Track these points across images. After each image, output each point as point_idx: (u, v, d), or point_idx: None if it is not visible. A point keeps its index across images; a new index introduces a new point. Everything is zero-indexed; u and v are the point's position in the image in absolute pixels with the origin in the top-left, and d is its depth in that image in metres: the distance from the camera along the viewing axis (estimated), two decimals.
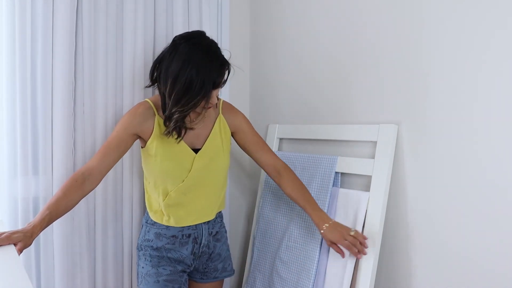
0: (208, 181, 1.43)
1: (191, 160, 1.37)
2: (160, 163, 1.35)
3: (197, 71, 1.23)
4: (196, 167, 1.38)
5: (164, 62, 1.28)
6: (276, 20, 1.89)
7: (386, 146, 1.37)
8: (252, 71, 2.05)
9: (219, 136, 1.44)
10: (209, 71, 1.25)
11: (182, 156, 1.37)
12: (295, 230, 1.59)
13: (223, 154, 1.45)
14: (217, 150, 1.42)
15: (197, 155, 1.38)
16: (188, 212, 1.42)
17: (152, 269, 1.41)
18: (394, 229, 1.40)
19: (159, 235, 1.43)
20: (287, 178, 1.46)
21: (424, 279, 1.32)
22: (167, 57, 1.28)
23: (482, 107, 1.16)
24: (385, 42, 1.41)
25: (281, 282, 1.59)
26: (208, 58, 1.26)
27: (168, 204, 1.39)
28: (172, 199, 1.39)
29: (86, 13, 1.50)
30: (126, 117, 1.36)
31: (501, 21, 1.11)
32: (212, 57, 1.27)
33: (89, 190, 1.29)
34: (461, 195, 1.22)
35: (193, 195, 1.41)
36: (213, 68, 1.26)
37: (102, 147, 1.33)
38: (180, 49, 1.26)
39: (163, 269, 1.41)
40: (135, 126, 1.34)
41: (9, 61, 1.40)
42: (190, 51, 1.25)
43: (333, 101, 1.61)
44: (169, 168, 1.37)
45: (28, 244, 1.12)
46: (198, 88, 1.24)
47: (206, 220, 1.46)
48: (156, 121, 1.35)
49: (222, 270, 1.56)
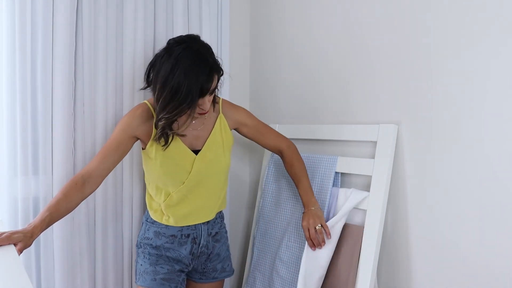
0: (208, 182, 1.43)
1: (191, 162, 1.37)
2: (160, 165, 1.35)
3: (185, 75, 1.20)
4: (196, 169, 1.37)
5: (156, 65, 1.27)
6: (276, 20, 1.89)
7: (386, 146, 1.37)
8: (252, 71, 2.05)
9: (220, 136, 1.43)
10: (196, 75, 1.21)
11: (182, 158, 1.36)
12: (295, 230, 1.59)
13: (224, 154, 1.44)
14: (217, 150, 1.42)
15: (197, 156, 1.38)
16: (188, 212, 1.42)
17: (150, 267, 1.42)
18: (394, 229, 1.40)
19: (159, 233, 1.43)
20: (287, 159, 1.53)
21: (424, 279, 1.32)
22: (159, 61, 1.26)
23: (482, 107, 1.16)
24: (385, 42, 1.41)
25: (281, 282, 1.59)
26: (197, 62, 1.22)
27: (168, 205, 1.40)
28: (173, 200, 1.39)
29: (86, 13, 1.50)
30: (125, 119, 1.35)
31: (502, 21, 1.11)
32: (201, 61, 1.23)
33: (89, 192, 1.29)
34: (461, 195, 1.22)
35: (194, 196, 1.41)
36: (200, 73, 1.22)
37: (101, 150, 1.32)
38: (171, 53, 1.24)
39: (160, 268, 1.42)
40: (133, 128, 1.34)
41: (9, 61, 1.40)
42: (180, 55, 1.22)
43: (333, 101, 1.61)
44: (169, 170, 1.36)
45: (28, 244, 1.12)
46: (185, 94, 1.20)
47: (205, 220, 1.46)
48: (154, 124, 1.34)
49: (221, 271, 1.56)
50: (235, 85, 2.01)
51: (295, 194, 1.65)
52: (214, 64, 1.27)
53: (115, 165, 1.34)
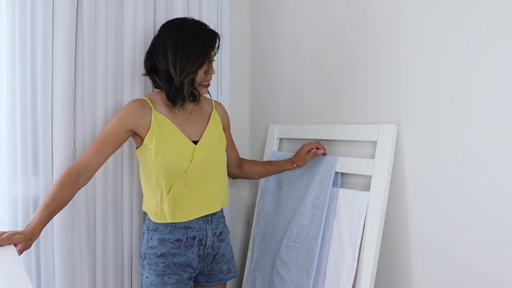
0: (210, 172, 1.43)
1: (192, 151, 1.39)
2: (161, 156, 1.35)
3: (193, 34, 1.35)
4: (197, 158, 1.38)
5: (158, 46, 1.37)
6: (276, 19, 1.89)
7: (386, 146, 1.37)
8: (252, 71, 2.05)
9: (215, 130, 1.48)
10: (203, 30, 1.38)
11: (182, 147, 1.38)
12: (295, 230, 1.59)
13: (220, 147, 1.48)
14: (214, 142, 1.46)
15: (197, 146, 1.40)
16: (193, 204, 1.40)
17: (156, 278, 1.38)
18: (394, 229, 1.40)
19: (163, 240, 1.39)
20: (247, 162, 1.68)
21: (424, 279, 1.32)
22: (160, 40, 1.37)
23: (482, 107, 1.16)
24: (385, 42, 1.41)
25: (281, 282, 1.59)
26: (199, 24, 1.39)
27: (172, 199, 1.37)
28: (176, 191, 1.37)
29: (86, 13, 1.50)
30: (122, 112, 1.36)
31: (502, 22, 1.11)
32: (202, 24, 1.40)
33: (83, 185, 1.31)
34: (461, 194, 1.22)
35: (197, 187, 1.40)
36: (205, 29, 1.39)
37: (96, 142, 1.33)
38: (170, 29, 1.37)
39: (168, 278, 1.38)
40: (131, 121, 1.35)
41: (9, 61, 1.39)
42: (180, 24, 1.38)
43: (333, 101, 1.61)
44: (171, 159, 1.36)
45: (28, 246, 1.12)
46: (200, 45, 1.34)
47: (211, 212, 1.45)
48: (153, 116, 1.36)
49: (227, 272, 1.54)
50: (235, 85, 2.01)
51: (295, 194, 1.65)
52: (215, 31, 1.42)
53: (108, 157, 1.36)
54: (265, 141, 1.92)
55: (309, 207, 1.56)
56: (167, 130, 1.37)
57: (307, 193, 1.58)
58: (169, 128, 1.38)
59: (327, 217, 1.51)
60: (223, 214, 1.56)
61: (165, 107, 1.40)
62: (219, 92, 1.95)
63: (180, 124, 1.40)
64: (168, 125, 1.38)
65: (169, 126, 1.38)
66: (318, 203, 1.53)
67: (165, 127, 1.37)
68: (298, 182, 1.65)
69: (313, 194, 1.56)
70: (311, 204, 1.55)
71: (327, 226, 1.50)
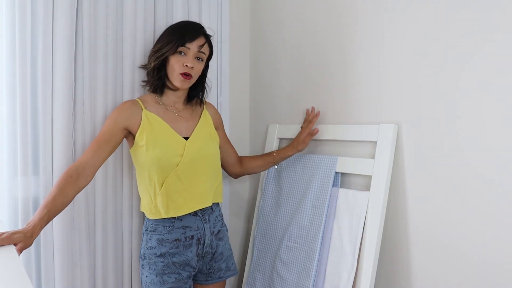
0: (202, 167, 1.45)
1: (183, 146, 1.42)
2: (152, 150, 1.38)
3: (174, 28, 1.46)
4: (188, 152, 1.41)
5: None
6: (276, 20, 1.89)
7: (386, 146, 1.37)
8: (252, 71, 2.05)
9: (206, 127, 1.52)
10: (186, 23, 1.47)
11: (173, 143, 1.41)
12: (295, 230, 1.59)
13: (213, 144, 1.51)
14: (205, 138, 1.49)
15: (188, 141, 1.44)
16: (186, 199, 1.42)
17: (156, 277, 1.40)
18: (394, 229, 1.40)
19: (162, 240, 1.42)
20: (247, 158, 1.69)
21: (424, 278, 1.32)
22: None
23: (482, 107, 1.16)
24: (385, 42, 1.41)
25: (281, 282, 1.59)
26: (186, 21, 1.51)
27: (165, 193, 1.39)
28: (168, 186, 1.39)
29: (86, 13, 1.50)
30: (115, 111, 1.42)
31: (503, 22, 1.11)
32: (189, 21, 1.50)
33: (83, 185, 1.32)
34: (461, 194, 1.22)
35: (189, 182, 1.42)
36: (189, 23, 1.47)
37: (93, 143, 1.37)
38: None
39: (167, 277, 1.40)
40: (124, 119, 1.40)
41: (9, 61, 1.39)
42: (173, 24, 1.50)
43: (333, 101, 1.61)
44: (162, 153, 1.39)
45: (28, 244, 1.12)
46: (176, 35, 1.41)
47: (203, 206, 1.46)
48: (143, 115, 1.42)
49: (226, 270, 1.55)
50: (235, 85, 2.01)
51: (295, 194, 1.65)
52: (202, 27, 1.48)
53: (107, 157, 1.38)
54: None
55: (309, 207, 1.56)
56: (158, 127, 1.41)
57: (307, 193, 1.58)
58: (160, 125, 1.42)
59: (327, 217, 1.51)
60: (221, 213, 1.57)
61: (156, 107, 1.46)
62: (219, 92, 1.94)
63: (171, 121, 1.45)
64: (158, 122, 1.42)
65: (159, 123, 1.42)
66: (318, 203, 1.53)
67: (155, 124, 1.42)
68: (298, 182, 1.65)
69: (313, 194, 1.56)
70: (311, 204, 1.55)
71: (327, 226, 1.50)
